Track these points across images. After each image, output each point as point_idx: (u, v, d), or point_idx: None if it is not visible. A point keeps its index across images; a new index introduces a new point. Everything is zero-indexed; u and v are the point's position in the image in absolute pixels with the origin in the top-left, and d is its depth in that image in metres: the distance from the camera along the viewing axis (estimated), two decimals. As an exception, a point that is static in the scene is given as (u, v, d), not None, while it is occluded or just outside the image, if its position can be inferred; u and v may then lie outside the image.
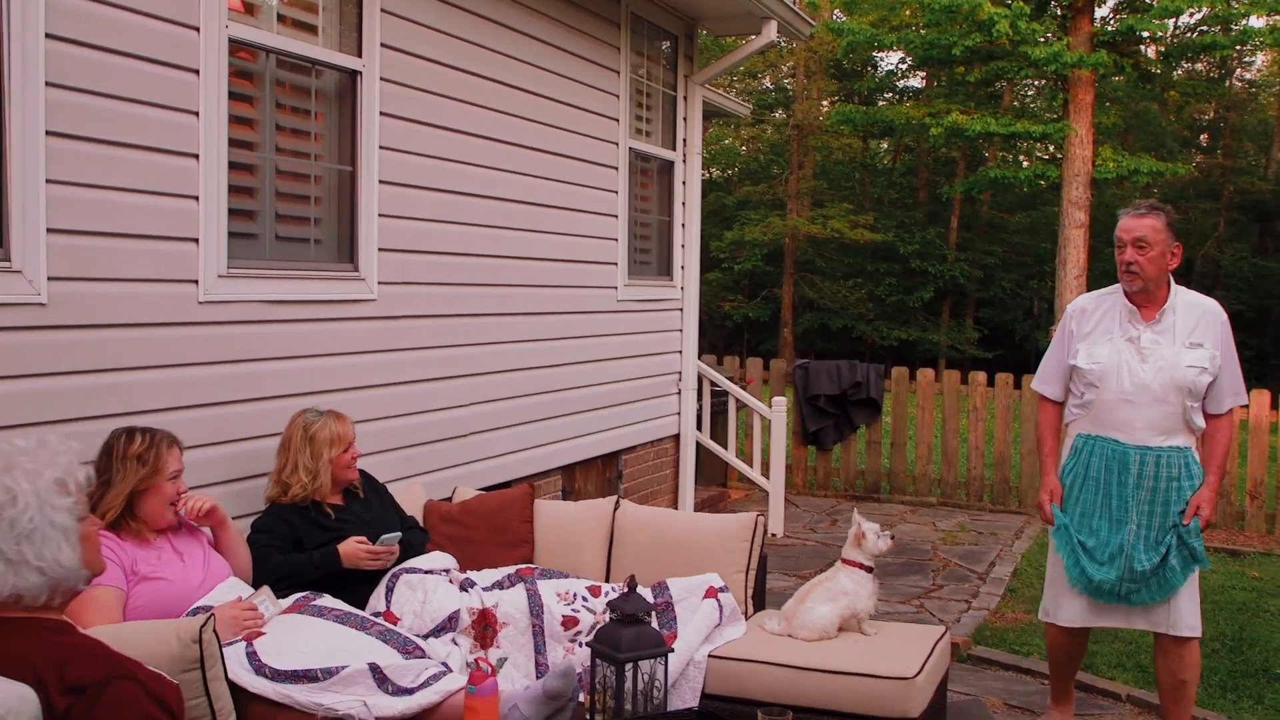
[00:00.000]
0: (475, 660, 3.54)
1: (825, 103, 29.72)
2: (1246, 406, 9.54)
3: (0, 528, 2.35)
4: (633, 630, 3.55)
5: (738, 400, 9.19)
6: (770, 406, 9.03)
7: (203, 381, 4.30)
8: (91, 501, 3.24)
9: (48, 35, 3.64)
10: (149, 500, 3.65)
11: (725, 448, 9.26)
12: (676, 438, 8.59)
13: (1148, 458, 4.41)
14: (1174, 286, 4.52)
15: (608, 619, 3.90)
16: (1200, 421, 4.48)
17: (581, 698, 3.70)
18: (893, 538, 4.56)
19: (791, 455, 10.70)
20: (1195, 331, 4.43)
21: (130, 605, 3.47)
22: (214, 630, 3.06)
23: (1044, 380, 4.77)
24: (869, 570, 4.45)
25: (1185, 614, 4.49)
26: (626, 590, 3.67)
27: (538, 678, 4.06)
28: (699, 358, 8.85)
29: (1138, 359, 4.43)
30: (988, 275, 28.02)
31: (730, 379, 9.50)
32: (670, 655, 3.79)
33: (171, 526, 3.73)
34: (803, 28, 8.49)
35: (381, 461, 5.15)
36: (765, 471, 9.08)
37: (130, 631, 3.07)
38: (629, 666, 3.51)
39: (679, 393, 8.51)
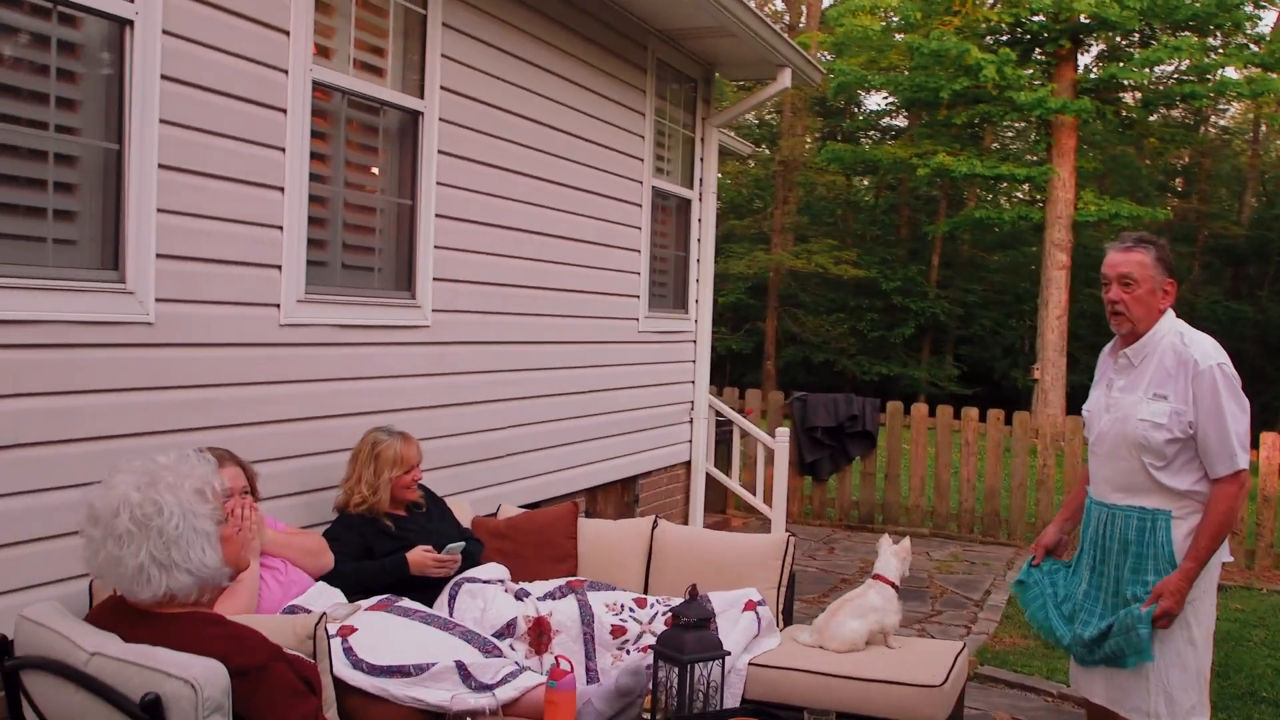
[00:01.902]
0: (556, 659, 3.83)
1: (808, 139, 30.28)
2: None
3: (151, 536, 2.63)
4: (694, 634, 3.85)
5: (741, 430, 9.51)
6: (774, 437, 9.34)
7: (279, 399, 4.60)
8: None
9: (162, 76, 3.95)
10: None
11: (729, 476, 9.56)
12: (688, 464, 8.92)
13: (1104, 515, 3.96)
14: (1165, 327, 3.95)
15: (667, 625, 4.19)
16: (1180, 484, 3.80)
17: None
18: None
19: (788, 485, 11.00)
20: (1164, 382, 3.84)
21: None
22: (325, 628, 3.36)
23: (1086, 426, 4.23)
24: (897, 588, 4.78)
25: (1134, 694, 3.88)
26: (689, 598, 3.98)
27: (588, 682, 4.36)
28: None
29: (1105, 408, 4.00)
30: (968, 313, 28.50)
31: (731, 409, 9.82)
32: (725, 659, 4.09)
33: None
34: (815, 75, 8.89)
35: (431, 478, 5.43)
36: (768, 500, 9.37)
37: (253, 625, 3.35)
38: (691, 667, 3.82)
39: (691, 421, 8.84)
